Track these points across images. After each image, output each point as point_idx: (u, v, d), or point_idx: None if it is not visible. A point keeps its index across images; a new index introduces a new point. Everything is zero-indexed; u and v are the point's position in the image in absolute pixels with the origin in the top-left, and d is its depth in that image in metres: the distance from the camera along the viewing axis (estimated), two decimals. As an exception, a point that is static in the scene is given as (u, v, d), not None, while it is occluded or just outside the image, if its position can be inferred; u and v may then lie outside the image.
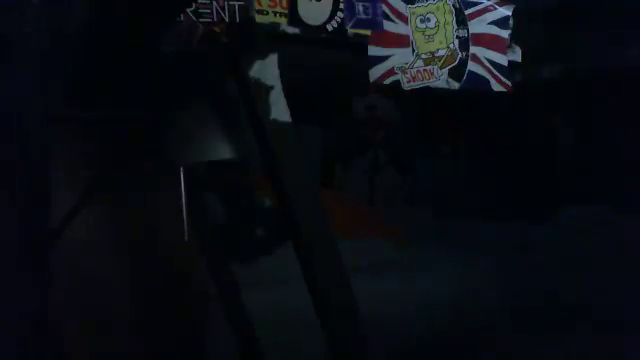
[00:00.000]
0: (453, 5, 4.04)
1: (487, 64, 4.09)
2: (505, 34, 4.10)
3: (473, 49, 4.08)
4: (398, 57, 3.95)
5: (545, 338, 4.87)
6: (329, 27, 3.74)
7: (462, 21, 4.06)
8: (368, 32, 3.87)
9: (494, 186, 8.88)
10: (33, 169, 2.27)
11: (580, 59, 7.98)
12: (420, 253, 6.95)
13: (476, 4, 4.09)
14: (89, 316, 3.10)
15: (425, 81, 4.03)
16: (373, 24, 3.87)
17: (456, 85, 4.08)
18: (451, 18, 4.04)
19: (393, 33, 3.92)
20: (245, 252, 6.33)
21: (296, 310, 4.08)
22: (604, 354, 4.57)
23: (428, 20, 3.99)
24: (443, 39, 4.03)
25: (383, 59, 3.93)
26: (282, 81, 3.11)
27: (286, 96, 3.10)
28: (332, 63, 4.50)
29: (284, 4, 3.59)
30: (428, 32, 4.00)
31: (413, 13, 3.96)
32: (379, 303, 4.84)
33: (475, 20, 4.08)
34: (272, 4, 3.55)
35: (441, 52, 4.03)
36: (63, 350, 2.88)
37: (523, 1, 4.29)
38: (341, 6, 3.75)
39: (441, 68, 4.04)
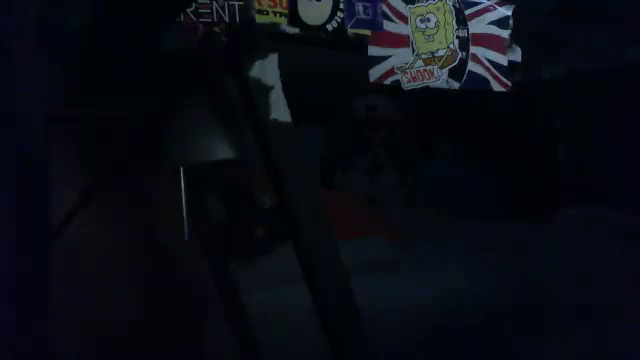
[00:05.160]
0: (453, 5, 4.04)
1: (487, 64, 4.10)
2: (505, 34, 4.11)
3: (473, 49, 4.08)
4: (398, 57, 3.95)
5: (545, 338, 4.87)
6: (329, 27, 3.74)
7: (462, 21, 4.06)
8: (368, 32, 3.87)
9: (494, 186, 8.87)
10: (33, 169, 2.26)
11: (580, 59, 7.97)
12: (420, 253, 6.93)
13: (476, 4, 4.09)
14: (88, 316, 3.11)
15: (425, 81, 4.03)
16: (373, 24, 3.87)
17: (456, 85, 4.08)
18: (451, 18, 4.04)
19: (393, 33, 3.92)
20: (245, 252, 6.31)
21: (296, 310, 4.08)
22: (604, 354, 4.57)
23: (428, 20, 3.99)
24: (443, 39, 4.03)
25: (383, 59, 3.93)
26: (282, 81, 3.10)
27: (286, 96, 3.10)
28: (332, 63, 4.49)
29: (284, 4, 3.59)
30: (428, 32, 4.00)
31: (413, 13, 3.96)
32: (379, 303, 4.83)
33: (475, 20, 4.08)
34: (272, 4, 3.55)
35: (441, 52, 4.04)
36: (62, 350, 2.89)
37: (523, 1, 4.29)
38: (341, 6, 3.75)
39: (441, 68, 4.04)
